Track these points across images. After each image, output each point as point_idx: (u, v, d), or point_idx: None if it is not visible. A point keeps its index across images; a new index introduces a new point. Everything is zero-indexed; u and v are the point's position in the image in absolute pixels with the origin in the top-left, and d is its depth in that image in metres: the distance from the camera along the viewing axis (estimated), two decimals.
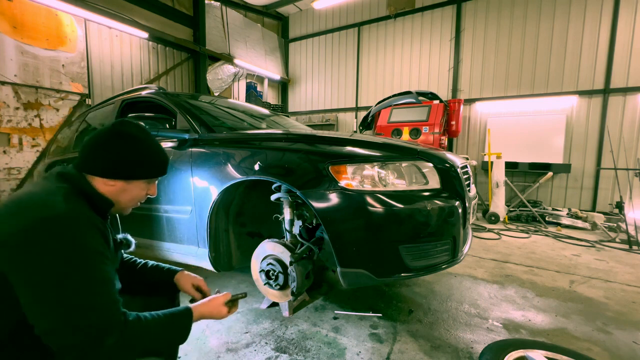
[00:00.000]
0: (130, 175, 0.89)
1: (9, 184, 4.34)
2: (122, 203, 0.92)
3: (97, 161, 0.85)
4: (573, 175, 5.75)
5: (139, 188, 0.93)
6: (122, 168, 0.87)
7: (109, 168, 0.85)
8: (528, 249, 3.52)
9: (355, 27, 8.03)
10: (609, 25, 5.37)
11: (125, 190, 0.90)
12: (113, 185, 0.87)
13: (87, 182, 0.84)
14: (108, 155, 0.85)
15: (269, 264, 1.83)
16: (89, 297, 0.69)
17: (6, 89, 4.19)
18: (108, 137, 0.86)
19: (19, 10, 4.24)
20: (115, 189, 0.88)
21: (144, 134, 0.92)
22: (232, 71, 7.29)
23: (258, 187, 1.97)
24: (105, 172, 0.85)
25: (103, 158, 0.85)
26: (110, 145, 0.86)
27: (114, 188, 0.87)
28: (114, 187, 0.87)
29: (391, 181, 1.58)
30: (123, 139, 0.87)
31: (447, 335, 1.75)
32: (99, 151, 0.86)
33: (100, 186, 0.86)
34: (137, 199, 0.95)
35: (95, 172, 0.85)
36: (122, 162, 0.87)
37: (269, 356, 1.55)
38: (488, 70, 6.42)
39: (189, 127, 2.12)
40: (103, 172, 0.85)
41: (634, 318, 1.99)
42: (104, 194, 0.86)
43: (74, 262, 0.69)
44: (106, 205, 0.87)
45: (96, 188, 0.85)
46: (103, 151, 0.86)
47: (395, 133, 5.62)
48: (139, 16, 5.60)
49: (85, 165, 0.85)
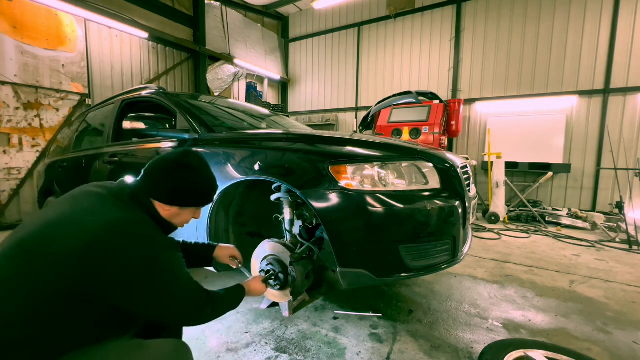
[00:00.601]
0: (185, 203, 1.02)
1: (9, 184, 4.34)
2: (176, 224, 1.06)
3: (161, 188, 0.98)
4: (573, 175, 5.75)
5: (188, 213, 1.06)
6: (180, 196, 1.00)
7: (169, 196, 0.98)
8: (528, 249, 3.52)
9: (355, 27, 8.03)
10: (609, 26, 5.38)
11: (179, 215, 1.03)
12: (169, 210, 1.00)
13: (155, 209, 0.98)
14: (170, 185, 0.98)
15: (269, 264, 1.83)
16: (187, 287, 0.92)
17: (6, 89, 4.19)
18: (172, 167, 0.99)
19: (19, 10, 4.24)
20: (170, 213, 1.01)
21: (203, 165, 1.06)
22: (232, 71, 7.29)
23: (258, 187, 1.96)
24: (166, 199, 0.98)
25: (166, 186, 0.98)
26: (174, 175, 0.99)
27: (169, 212, 1.00)
28: (169, 211, 1.00)
29: (391, 181, 1.58)
30: (186, 170, 1.00)
31: (447, 335, 1.75)
32: (163, 179, 0.98)
33: (160, 208, 0.99)
34: (184, 222, 1.08)
35: (157, 197, 0.98)
36: (181, 191, 1.00)
37: (269, 356, 1.55)
38: (488, 70, 6.42)
39: (189, 127, 2.12)
40: (163, 198, 0.98)
41: (634, 318, 1.99)
42: (165, 218, 1.01)
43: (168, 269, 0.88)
44: (169, 230, 1.04)
45: (159, 211, 0.99)
46: (166, 180, 0.98)
47: (395, 133, 5.62)
48: (139, 16, 5.60)
49: (151, 190, 0.98)
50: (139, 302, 0.84)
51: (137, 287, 0.81)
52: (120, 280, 0.78)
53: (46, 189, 3.43)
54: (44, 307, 0.73)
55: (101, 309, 0.80)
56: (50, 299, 0.74)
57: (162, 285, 0.85)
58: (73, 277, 0.74)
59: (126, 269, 0.78)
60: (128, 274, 0.79)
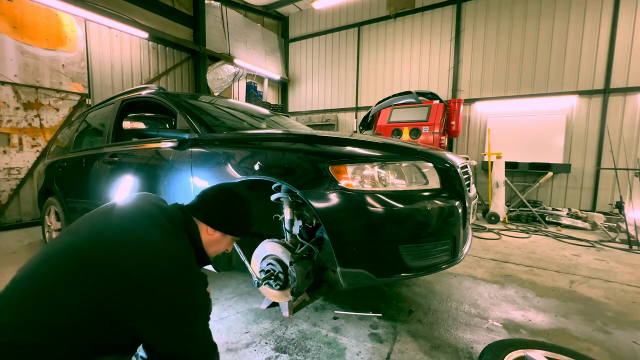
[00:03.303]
0: (229, 230, 1.08)
1: (9, 184, 4.34)
2: (210, 251, 1.09)
3: (213, 211, 1.06)
4: (573, 175, 5.75)
5: (226, 242, 1.11)
6: (228, 222, 1.08)
7: (219, 220, 1.05)
8: (528, 249, 3.52)
9: (355, 27, 8.03)
10: (609, 26, 5.37)
11: (218, 242, 1.09)
12: (212, 235, 1.06)
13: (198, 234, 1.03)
14: (223, 209, 1.07)
15: (269, 264, 1.83)
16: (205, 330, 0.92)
17: (6, 89, 4.19)
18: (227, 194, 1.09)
19: (19, 10, 4.24)
20: (211, 239, 1.06)
21: (249, 201, 1.14)
22: (232, 71, 7.29)
23: (258, 187, 1.96)
24: (214, 222, 1.05)
25: (219, 210, 1.06)
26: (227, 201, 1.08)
27: (211, 238, 1.06)
28: (211, 237, 1.06)
29: (391, 181, 1.58)
30: (239, 200, 1.10)
31: (447, 335, 1.75)
32: (218, 203, 1.07)
33: (203, 233, 1.05)
34: (221, 251, 1.13)
35: (207, 220, 1.04)
36: (229, 217, 1.08)
37: (269, 356, 1.55)
38: (488, 70, 6.42)
39: (189, 127, 2.12)
40: (213, 221, 1.05)
41: (634, 318, 1.99)
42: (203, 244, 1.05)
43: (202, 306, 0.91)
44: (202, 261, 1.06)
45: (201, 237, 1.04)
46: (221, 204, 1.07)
47: (395, 133, 5.62)
48: (139, 16, 5.60)
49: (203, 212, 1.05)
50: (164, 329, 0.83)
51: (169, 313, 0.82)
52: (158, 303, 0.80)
53: (46, 189, 3.43)
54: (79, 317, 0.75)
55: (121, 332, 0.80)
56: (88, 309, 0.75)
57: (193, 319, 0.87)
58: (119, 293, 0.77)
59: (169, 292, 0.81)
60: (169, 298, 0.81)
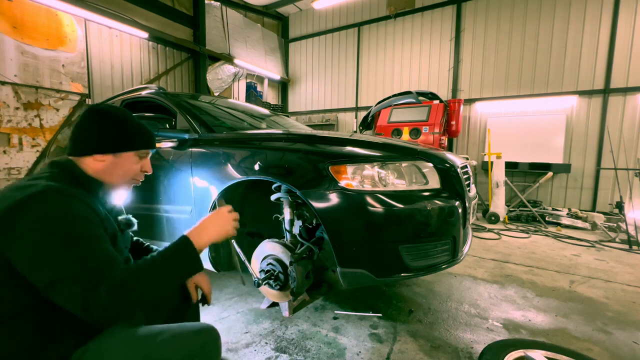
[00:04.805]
0: (117, 148, 0.91)
1: (8, 184, 4.33)
2: (115, 178, 0.93)
3: (84, 141, 0.89)
4: (573, 175, 5.75)
5: (130, 162, 0.94)
6: (108, 142, 0.90)
7: (95, 144, 0.89)
8: (528, 249, 3.52)
9: (355, 27, 8.03)
10: (609, 26, 5.37)
11: (116, 164, 0.91)
12: (103, 160, 0.89)
13: (74, 165, 0.88)
14: (93, 133, 0.89)
15: (269, 264, 1.83)
16: (77, 251, 0.70)
17: (6, 89, 4.19)
18: (89, 118, 0.91)
19: (19, 10, 4.24)
20: (106, 164, 0.90)
21: (122, 111, 0.96)
22: (232, 71, 7.29)
23: (258, 187, 1.96)
24: (93, 149, 0.89)
25: (89, 137, 0.89)
26: (93, 124, 0.90)
27: (104, 164, 0.90)
28: (104, 162, 0.90)
29: (391, 181, 1.58)
30: (104, 116, 0.91)
31: (447, 335, 1.75)
32: (84, 132, 0.90)
33: (90, 165, 0.89)
34: (130, 174, 0.96)
35: (84, 152, 0.89)
36: (106, 137, 0.90)
37: (269, 356, 1.55)
38: (488, 70, 6.42)
39: (189, 127, 2.12)
40: (91, 149, 0.89)
41: (634, 318, 1.99)
42: (91, 175, 0.89)
43: (58, 224, 0.71)
44: (94, 184, 0.89)
45: (84, 169, 0.88)
46: (87, 131, 0.90)
47: (395, 133, 5.62)
48: (139, 16, 5.60)
49: (74, 148, 0.90)
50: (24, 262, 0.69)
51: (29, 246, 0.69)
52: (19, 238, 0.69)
53: None
54: None
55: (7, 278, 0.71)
56: None
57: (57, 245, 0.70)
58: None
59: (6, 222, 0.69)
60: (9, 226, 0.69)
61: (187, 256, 0.83)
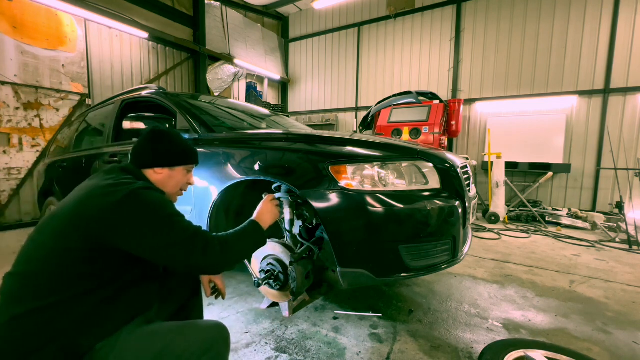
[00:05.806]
0: (173, 163, 1.10)
1: (9, 184, 4.34)
2: (169, 188, 1.12)
3: (146, 155, 1.07)
4: (573, 175, 5.75)
5: (181, 174, 1.14)
6: (166, 158, 1.09)
7: (156, 159, 1.07)
8: (528, 249, 3.52)
9: (355, 27, 8.03)
10: (609, 26, 5.37)
11: (171, 176, 1.11)
12: (160, 173, 1.08)
13: (143, 175, 1.06)
14: (154, 150, 1.08)
15: (269, 264, 1.83)
16: (181, 222, 0.92)
17: (6, 89, 4.19)
18: (152, 137, 1.10)
19: (19, 10, 4.24)
20: (163, 176, 1.09)
21: (176, 133, 1.16)
22: (232, 71, 7.29)
23: (258, 187, 1.96)
24: (155, 163, 1.07)
25: (151, 152, 1.07)
26: (155, 142, 1.09)
27: (161, 176, 1.08)
28: (161, 175, 1.08)
29: (391, 181, 1.58)
30: (163, 136, 1.11)
31: (447, 335, 1.75)
32: (147, 148, 1.08)
33: (151, 176, 1.07)
34: (179, 184, 1.15)
35: (146, 164, 1.07)
36: (165, 153, 1.09)
37: (269, 356, 1.55)
38: (488, 70, 6.42)
39: (189, 127, 2.12)
40: (153, 162, 1.07)
41: (634, 318, 1.99)
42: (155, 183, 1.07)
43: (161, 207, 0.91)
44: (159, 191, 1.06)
45: (151, 179, 1.07)
46: (150, 148, 1.08)
47: (395, 133, 5.62)
48: (139, 16, 5.60)
49: (138, 160, 1.08)
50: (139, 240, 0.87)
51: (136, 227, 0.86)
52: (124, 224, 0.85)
53: (46, 189, 3.42)
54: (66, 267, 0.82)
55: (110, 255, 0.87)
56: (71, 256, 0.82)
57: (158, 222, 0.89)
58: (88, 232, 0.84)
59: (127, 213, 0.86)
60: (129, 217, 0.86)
61: (259, 232, 1.14)
